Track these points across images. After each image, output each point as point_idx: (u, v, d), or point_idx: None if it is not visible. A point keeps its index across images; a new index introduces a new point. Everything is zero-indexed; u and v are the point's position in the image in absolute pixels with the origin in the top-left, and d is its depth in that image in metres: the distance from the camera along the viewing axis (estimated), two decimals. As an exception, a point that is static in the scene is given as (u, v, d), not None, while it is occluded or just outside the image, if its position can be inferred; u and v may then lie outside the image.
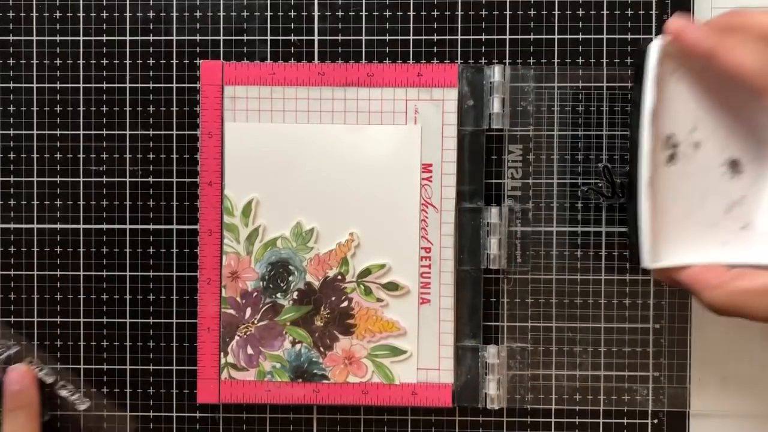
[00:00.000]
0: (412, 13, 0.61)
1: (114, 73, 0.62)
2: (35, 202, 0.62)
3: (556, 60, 0.60)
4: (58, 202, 0.62)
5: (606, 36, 0.60)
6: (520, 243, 0.61)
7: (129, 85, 0.61)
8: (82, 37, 0.62)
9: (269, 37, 0.61)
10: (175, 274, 0.62)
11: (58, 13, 0.62)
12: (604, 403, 0.61)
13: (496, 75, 0.59)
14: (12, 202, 0.62)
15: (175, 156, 0.61)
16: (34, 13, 0.62)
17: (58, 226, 0.62)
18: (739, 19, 0.48)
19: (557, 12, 0.60)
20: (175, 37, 0.61)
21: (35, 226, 0.62)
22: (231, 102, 0.60)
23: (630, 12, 0.60)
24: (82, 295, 0.62)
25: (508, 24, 0.60)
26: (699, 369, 0.61)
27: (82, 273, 0.62)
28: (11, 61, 0.62)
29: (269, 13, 0.61)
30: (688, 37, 0.48)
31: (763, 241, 0.52)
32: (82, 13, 0.62)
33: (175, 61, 0.61)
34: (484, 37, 0.60)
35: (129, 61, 0.61)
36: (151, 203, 0.62)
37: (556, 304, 0.61)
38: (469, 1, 0.60)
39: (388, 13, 0.61)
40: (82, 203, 0.62)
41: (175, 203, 0.61)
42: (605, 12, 0.60)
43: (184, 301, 0.61)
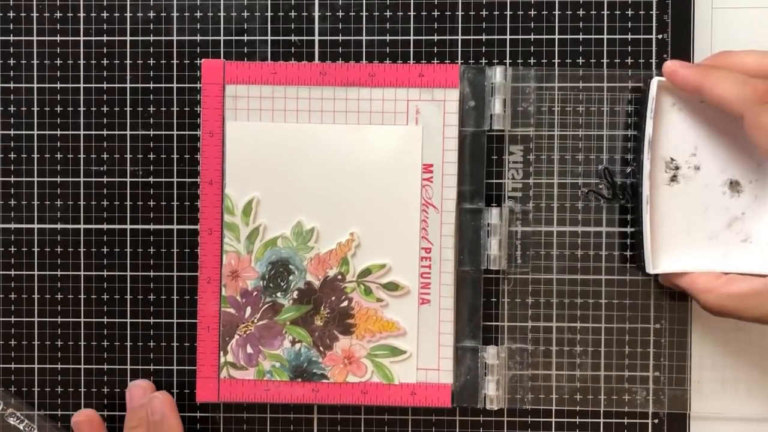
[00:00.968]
0: (412, 13, 0.61)
1: (114, 73, 0.62)
2: (35, 202, 0.62)
3: (557, 60, 0.60)
4: (58, 202, 0.62)
5: (606, 36, 0.60)
6: (520, 243, 0.61)
7: (129, 85, 0.61)
8: (82, 37, 0.62)
9: (270, 37, 0.61)
10: (175, 273, 0.62)
11: (58, 13, 0.62)
12: (604, 403, 0.61)
13: (498, 76, 0.59)
14: (12, 202, 0.62)
15: (175, 156, 0.61)
16: (34, 13, 0.62)
17: (59, 226, 0.62)
18: (724, 59, 0.56)
19: (557, 12, 0.60)
20: (175, 37, 0.61)
21: (35, 226, 0.62)
22: (232, 101, 0.60)
23: (630, 12, 0.60)
24: (82, 295, 0.62)
25: (509, 24, 0.60)
26: (698, 371, 0.61)
27: (82, 273, 0.62)
28: (11, 61, 0.62)
29: (270, 13, 0.61)
30: (679, 76, 0.56)
31: (761, 253, 0.58)
32: (82, 13, 0.62)
33: (175, 60, 0.61)
34: (484, 37, 0.61)
35: (129, 61, 0.61)
36: (152, 203, 0.62)
37: (556, 305, 0.61)
38: (470, 1, 0.60)
39: (389, 13, 0.61)
40: (82, 203, 0.62)
41: (175, 203, 0.61)
42: (605, 12, 0.60)
43: (185, 301, 0.61)
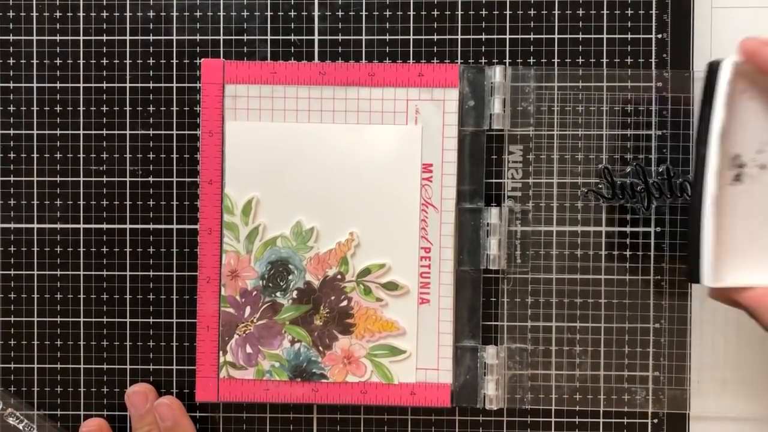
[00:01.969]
0: (412, 13, 0.61)
1: (114, 73, 0.62)
2: (35, 202, 0.62)
3: (556, 60, 0.60)
4: (58, 202, 0.62)
5: (606, 36, 0.60)
6: (519, 243, 0.61)
7: (129, 84, 0.61)
8: (82, 37, 0.62)
9: (269, 36, 0.61)
10: (175, 273, 0.62)
11: (58, 13, 0.62)
12: (603, 403, 0.61)
13: (497, 75, 0.59)
14: (12, 202, 0.62)
15: (175, 156, 0.61)
16: (34, 13, 0.62)
17: (58, 226, 0.62)
18: None
19: (557, 12, 0.60)
20: (175, 37, 0.61)
21: (35, 226, 0.62)
22: (232, 101, 0.60)
23: (630, 12, 0.60)
24: (82, 295, 0.62)
25: (509, 24, 0.60)
26: (698, 371, 0.61)
27: (82, 273, 0.62)
28: (11, 61, 0.62)
29: (269, 12, 0.61)
30: (764, 57, 0.48)
31: None
32: (82, 13, 0.62)
33: (175, 60, 0.61)
34: (484, 37, 0.61)
35: (129, 61, 0.61)
36: (151, 203, 0.62)
37: (556, 304, 0.61)
38: (470, 1, 0.60)
39: (388, 13, 0.61)
40: (82, 203, 0.62)
41: (175, 203, 0.61)
42: (605, 12, 0.60)
43: (184, 301, 0.61)
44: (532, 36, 0.60)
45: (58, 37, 0.62)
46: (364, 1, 0.61)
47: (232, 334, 0.60)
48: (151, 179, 0.62)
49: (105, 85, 0.62)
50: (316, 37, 0.61)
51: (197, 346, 0.61)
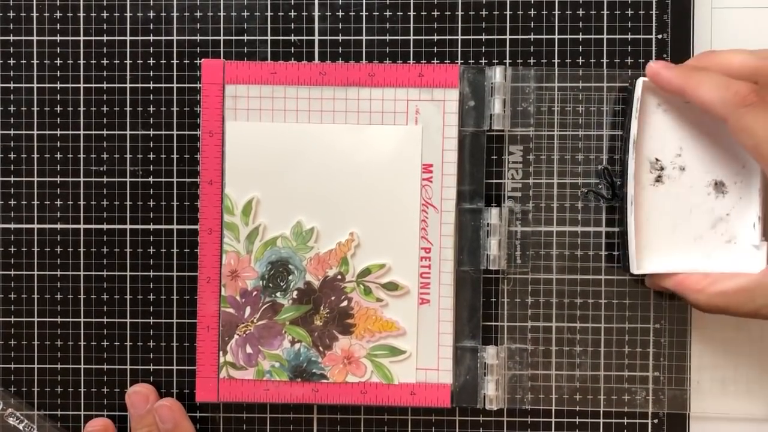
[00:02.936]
0: (412, 13, 0.61)
1: (114, 73, 0.62)
2: (35, 202, 0.62)
3: (557, 60, 0.60)
4: (58, 202, 0.62)
5: (606, 36, 0.60)
6: (519, 243, 0.61)
7: (129, 85, 0.61)
8: (82, 37, 0.62)
9: (269, 37, 0.61)
10: (175, 274, 0.62)
11: (58, 13, 0.62)
12: (603, 403, 0.61)
13: (497, 76, 0.59)
14: (12, 202, 0.62)
15: (175, 156, 0.61)
16: (34, 13, 0.62)
17: (58, 226, 0.62)
18: (709, 59, 0.56)
19: (557, 12, 0.60)
20: (175, 37, 0.61)
21: (35, 226, 0.62)
22: (232, 101, 0.60)
23: (630, 12, 0.60)
24: (82, 295, 0.62)
25: (509, 24, 0.60)
26: (698, 371, 0.61)
27: (82, 273, 0.62)
28: (11, 61, 0.62)
29: (269, 13, 0.61)
30: (662, 78, 0.56)
31: (745, 254, 0.58)
32: (82, 13, 0.62)
33: (175, 60, 0.61)
34: (484, 37, 0.61)
35: (129, 61, 0.61)
36: (151, 203, 0.62)
37: (556, 305, 0.61)
38: (470, 1, 0.60)
39: (389, 13, 0.61)
40: (82, 203, 0.62)
41: (175, 203, 0.61)
42: (605, 12, 0.60)
43: (184, 301, 0.61)
44: (532, 36, 0.60)
45: (58, 38, 0.62)
46: (364, 1, 0.61)
47: (232, 334, 0.60)
48: (151, 179, 0.62)
49: (105, 85, 0.62)
50: (316, 37, 0.61)
51: (197, 346, 0.61)
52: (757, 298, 0.54)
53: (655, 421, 0.61)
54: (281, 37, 0.61)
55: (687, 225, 0.59)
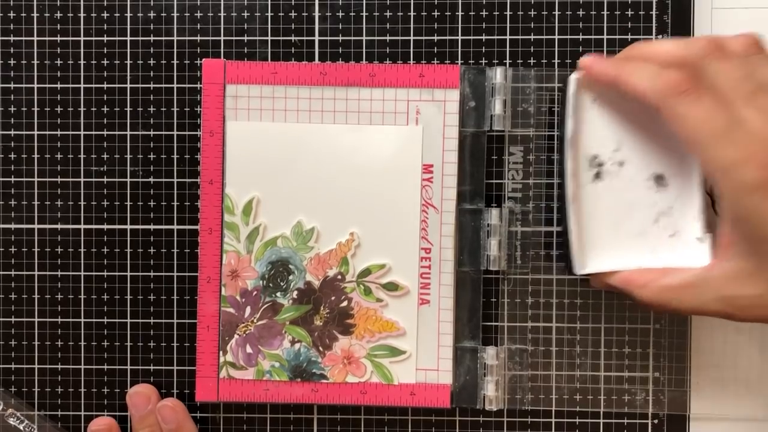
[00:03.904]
0: (412, 13, 0.61)
1: (114, 73, 0.62)
2: (35, 202, 0.62)
3: (557, 60, 0.60)
4: (58, 202, 0.62)
5: (606, 36, 0.60)
6: (520, 244, 0.61)
7: (129, 85, 0.62)
8: (82, 37, 0.62)
9: (270, 37, 0.61)
10: (175, 274, 0.62)
11: (58, 13, 0.62)
12: (603, 404, 0.61)
13: (498, 76, 0.59)
14: (12, 202, 0.62)
15: (175, 156, 0.61)
16: (34, 13, 0.62)
17: (59, 226, 0.62)
18: (639, 50, 0.54)
19: (557, 12, 0.60)
20: (175, 37, 0.61)
21: (35, 226, 0.62)
22: (233, 101, 0.60)
23: (630, 12, 0.60)
24: (82, 295, 0.62)
25: (509, 24, 0.60)
26: (698, 372, 0.61)
27: (82, 273, 0.62)
28: (11, 61, 0.62)
29: (270, 13, 0.61)
30: (595, 70, 0.55)
31: (690, 248, 0.56)
32: (82, 13, 0.62)
33: (175, 61, 0.61)
34: (484, 37, 0.61)
35: (129, 61, 0.62)
36: (151, 203, 0.62)
37: (556, 305, 0.61)
38: (470, 1, 0.60)
39: (389, 13, 0.61)
40: (82, 203, 0.62)
41: (175, 203, 0.61)
42: (605, 12, 0.60)
43: (184, 301, 0.61)
44: (532, 37, 0.60)
45: (59, 38, 0.62)
46: (364, 1, 0.61)
47: (233, 334, 0.60)
48: (151, 179, 0.62)
49: (105, 85, 0.62)
50: (317, 37, 0.61)
51: (197, 346, 0.61)
52: (703, 293, 0.52)
53: (655, 421, 0.61)
54: (281, 38, 0.61)
55: (630, 221, 0.57)
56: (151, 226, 0.62)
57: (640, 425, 0.61)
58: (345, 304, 0.60)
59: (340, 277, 0.60)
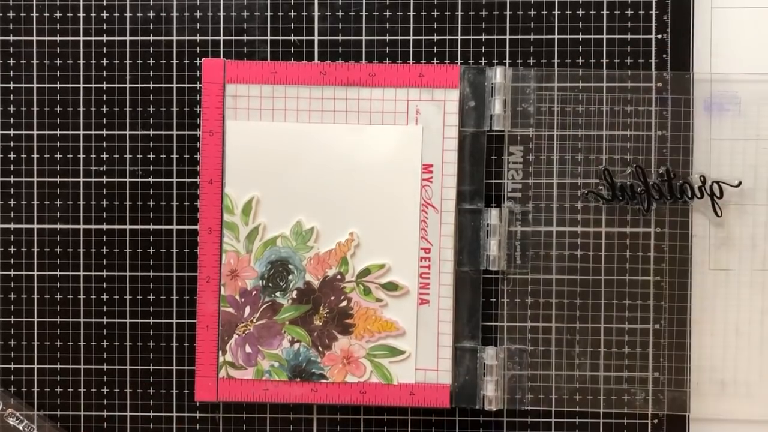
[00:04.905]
0: (412, 13, 0.61)
1: (114, 73, 0.62)
2: (35, 202, 0.62)
3: (557, 60, 0.60)
4: (58, 202, 0.62)
5: (606, 36, 0.60)
6: (519, 244, 0.61)
7: (129, 85, 0.62)
8: (82, 37, 0.62)
9: (269, 37, 0.61)
10: (175, 274, 0.62)
11: (58, 13, 0.62)
12: (603, 404, 0.61)
13: (498, 76, 0.59)
14: (12, 202, 0.62)
15: (175, 156, 0.61)
16: (34, 13, 0.62)
17: (58, 226, 0.62)
18: None
19: (557, 12, 0.60)
20: (175, 37, 0.61)
21: (35, 226, 0.62)
22: (232, 100, 0.60)
23: (630, 12, 0.60)
24: (82, 295, 0.62)
25: (509, 24, 0.60)
26: (698, 373, 0.61)
27: (82, 273, 0.62)
28: (11, 61, 0.62)
29: (269, 13, 0.61)
30: None
31: None
32: (82, 13, 0.62)
33: (175, 60, 0.61)
34: (484, 37, 0.61)
35: (129, 61, 0.62)
36: (151, 203, 0.62)
37: (556, 305, 0.61)
38: (470, 1, 0.60)
39: (389, 13, 0.61)
40: (82, 203, 0.62)
41: (175, 203, 0.61)
42: (605, 12, 0.60)
43: (184, 301, 0.61)
44: (532, 36, 0.60)
45: (58, 38, 0.62)
46: (364, 1, 0.61)
47: (232, 333, 0.60)
48: (151, 179, 0.62)
49: (105, 85, 0.62)
50: (316, 37, 0.61)
51: (197, 345, 0.61)
52: None
53: (655, 421, 0.61)
54: (281, 37, 0.61)
55: None
56: (151, 226, 0.62)
57: (640, 425, 0.61)
58: (344, 304, 0.60)
59: (339, 276, 0.60)
